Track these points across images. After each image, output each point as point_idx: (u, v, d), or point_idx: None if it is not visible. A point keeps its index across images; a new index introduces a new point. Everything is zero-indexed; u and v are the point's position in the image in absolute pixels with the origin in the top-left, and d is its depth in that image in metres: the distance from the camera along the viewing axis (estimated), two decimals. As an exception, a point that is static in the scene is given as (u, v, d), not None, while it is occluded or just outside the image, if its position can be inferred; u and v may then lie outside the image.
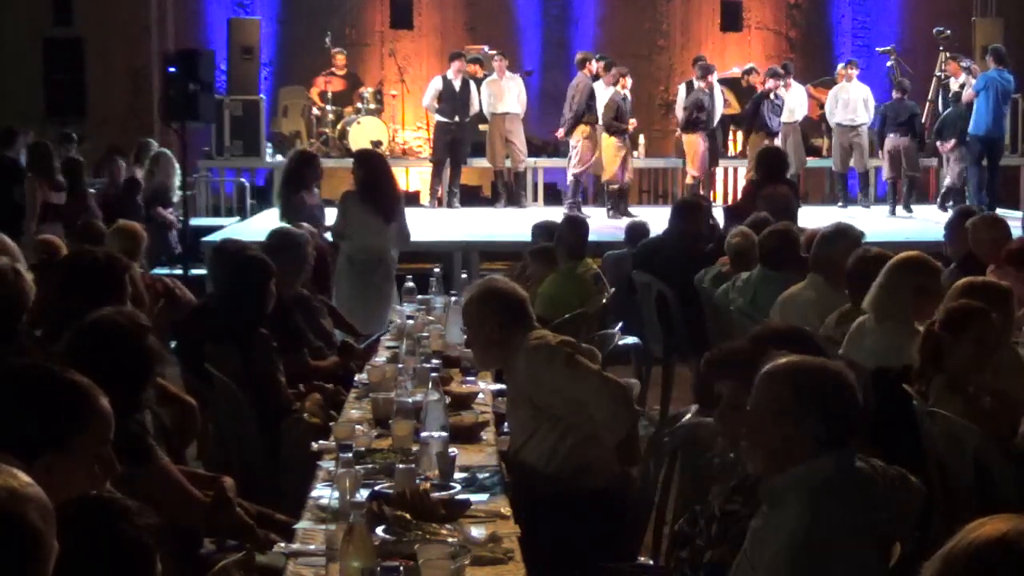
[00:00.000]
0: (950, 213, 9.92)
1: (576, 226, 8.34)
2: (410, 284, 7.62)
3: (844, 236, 6.61)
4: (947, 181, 15.15)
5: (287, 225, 7.76)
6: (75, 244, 7.40)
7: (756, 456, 3.01)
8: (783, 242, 7.21)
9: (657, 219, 10.96)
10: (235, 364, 5.36)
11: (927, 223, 13.41)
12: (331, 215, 9.21)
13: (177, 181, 13.39)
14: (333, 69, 17.16)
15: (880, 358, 5.05)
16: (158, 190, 13.10)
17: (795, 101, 15.51)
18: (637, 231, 9.68)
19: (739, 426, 3.05)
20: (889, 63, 17.02)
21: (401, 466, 3.97)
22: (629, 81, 14.45)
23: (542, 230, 8.97)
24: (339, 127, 16.86)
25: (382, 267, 8.70)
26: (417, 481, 3.91)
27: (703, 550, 3.29)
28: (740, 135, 17.15)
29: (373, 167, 8.99)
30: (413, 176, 17.31)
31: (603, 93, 14.26)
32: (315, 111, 17.14)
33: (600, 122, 14.20)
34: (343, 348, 6.55)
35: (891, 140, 15.15)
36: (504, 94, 15.48)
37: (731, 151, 16.70)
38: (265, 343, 5.50)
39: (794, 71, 16.01)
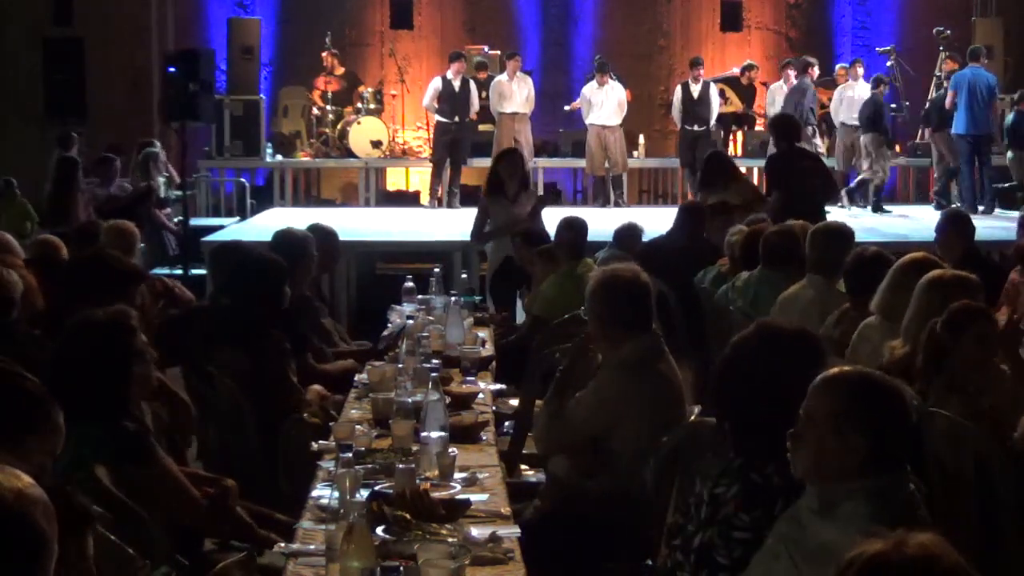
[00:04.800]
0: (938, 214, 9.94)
1: (575, 226, 8.30)
2: (410, 284, 7.60)
3: (837, 234, 6.62)
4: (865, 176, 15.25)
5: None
6: (74, 244, 7.39)
7: (802, 459, 2.94)
8: (786, 242, 7.18)
9: (658, 219, 10.94)
10: (243, 366, 5.32)
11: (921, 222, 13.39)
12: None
13: (163, 181, 13.35)
14: (330, 70, 17.16)
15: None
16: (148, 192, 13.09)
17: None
18: (631, 234, 9.29)
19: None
20: (889, 63, 17.01)
21: (401, 466, 3.97)
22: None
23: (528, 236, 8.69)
24: (339, 127, 16.87)
25: None
26: (417, 481, 3.91)
27: (693, 534, 3.31)
28: (741, 134, 17.18)
29: None
30: (413, 176, 17.31)
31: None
32: (315, 111, 17.14)
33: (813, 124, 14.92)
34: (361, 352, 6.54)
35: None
36: (512, 94, 15.50)
37: (731, 151, 16.65)
38: (278, 345, 5.46)
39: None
